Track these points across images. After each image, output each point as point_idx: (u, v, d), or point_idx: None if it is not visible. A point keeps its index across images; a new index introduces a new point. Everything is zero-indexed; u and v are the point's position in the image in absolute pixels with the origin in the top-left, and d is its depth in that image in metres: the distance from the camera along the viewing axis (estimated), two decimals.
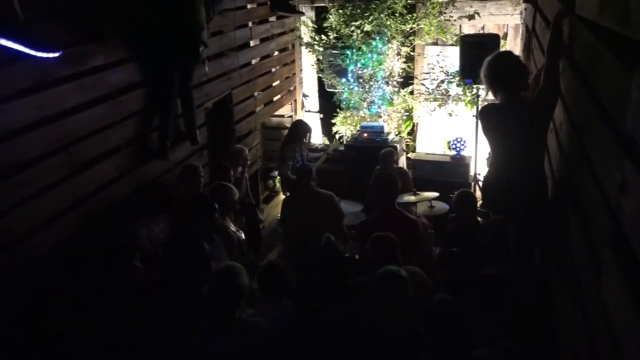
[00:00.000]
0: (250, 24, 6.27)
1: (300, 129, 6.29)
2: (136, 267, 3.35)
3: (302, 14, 7.28)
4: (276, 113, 7.48)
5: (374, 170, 6.03)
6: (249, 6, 6.23)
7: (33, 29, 3.05)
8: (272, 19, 6.82)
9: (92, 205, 3.81)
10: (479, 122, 3.10)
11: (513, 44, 6.77)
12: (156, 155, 4.48)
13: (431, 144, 7.16)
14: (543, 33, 3.96)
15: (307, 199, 4.83)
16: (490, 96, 3.33)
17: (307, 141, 6.42)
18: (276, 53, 7.09)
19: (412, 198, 5.37)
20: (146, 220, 3.95)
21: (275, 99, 7.21)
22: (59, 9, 3.43)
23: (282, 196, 7.29)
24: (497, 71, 2.94)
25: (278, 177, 7.30)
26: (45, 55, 3.10)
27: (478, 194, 5.99)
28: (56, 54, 3.19)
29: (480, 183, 5.93)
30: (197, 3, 4.19)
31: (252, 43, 6.43)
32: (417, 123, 7.30)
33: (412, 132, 7.35)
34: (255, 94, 6.48)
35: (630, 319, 1.31)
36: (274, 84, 7.10)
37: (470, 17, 6.48)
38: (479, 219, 4.58)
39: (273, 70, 6.99)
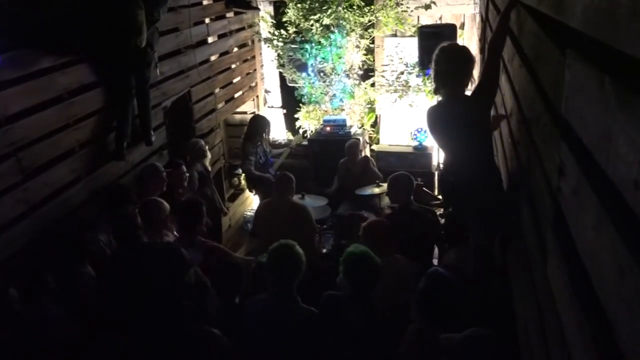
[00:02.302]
0: (207, 20, 6.19)
1: (258, 123, 6.23)
2: (83, 272, 3.29)
3: (258, 9, 7.22)
4: (238, 110, 7.40)
5: (340, 162, 6.06)
6: (204, 2, 6.15)
7: None
8: (230, 14, 6.74)
9: (47, 211, 3.72)
10: (427, 120, 3.05)
11: (470, 33, 6.84)
12: (113, 157, 4.39)
13: (394, 135, 7.20)
14: (495, 22, 4.01)
15: (283, 209, 4.58)
16: None
17: (267, 136, 6.37)
18: (235, 49, 7.02)
19: (376, 190, 5.41)
20: (106, 224, 3.86)
21: (236, 95, 7.14)
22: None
23: (247, 193, 7.26)
24: (438, 64, 2.89)
25: (242, 175, 7.25)
26: None
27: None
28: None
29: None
30: (132, 6, 4.08)
31: (209, 40, 6.35)
32: (379, 115, 7.32)
33: (375, 124, 7.38)
34: (216, 91, 6.40)
35: (568, 297, 1.33)
36: (235, 81, 7.03)
37: (427, 7, 6.51)
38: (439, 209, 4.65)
39: (233, 66, 6.91)
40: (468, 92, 2.95)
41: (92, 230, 3.80)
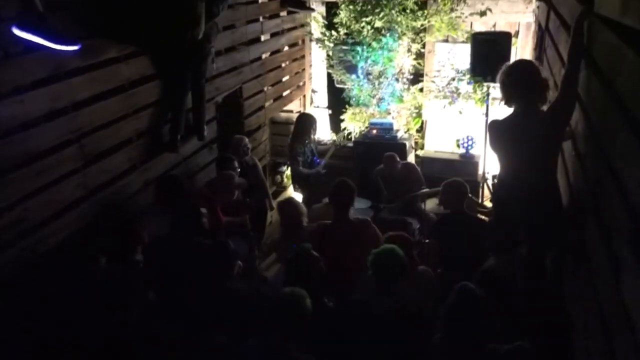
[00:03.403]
0: (261, 18, 6.26)
1: (306, 122, 6.27)
2: (136, 261, 3.38)
3: (313, 10, 7.26)
4: (285, 108, 7.47)
5: (376, 170, 6.01)
6: (260, 0, 6.22)
7: (51, 21, 3.06)
8: (283, 13, 6.81)
9: (104, 197, 3.83)
10: (488, 136, 3.01)
11: (524, 42, 6.73)
12: (167, 148, 4.49)
13: (440, 141, 7.14)
14: (557, 31, 3.93)
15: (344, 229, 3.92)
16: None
17: (314, 134, 6.40)
18: (286, 48, 7.08)
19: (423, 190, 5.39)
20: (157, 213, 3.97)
21: (284, 94, 7.21)
22: (74, 2, 3.44)
23: (289, 191, 7.31)
24: (513, 80, 2.86)
25: (286, 173, 7.31)
26: (64, 48, 3.11)
27: (487, 193, 6.00)
28: (75, 47, 3.20)
29: (489, 182, 5.94)
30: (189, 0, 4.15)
31: (262, 38, 6.42)
32: (425, 120, 7.27)
33: (421, 130, 7.33)
34: (265, 88, 6.48)
35: None
36: (284, 79, 7.09)
37: (482, 14, 6.44)
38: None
39: (283, 65, 6.98)
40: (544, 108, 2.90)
41: (147, 218, 3.92)
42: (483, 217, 4.89)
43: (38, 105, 3.25)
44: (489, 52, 5.58)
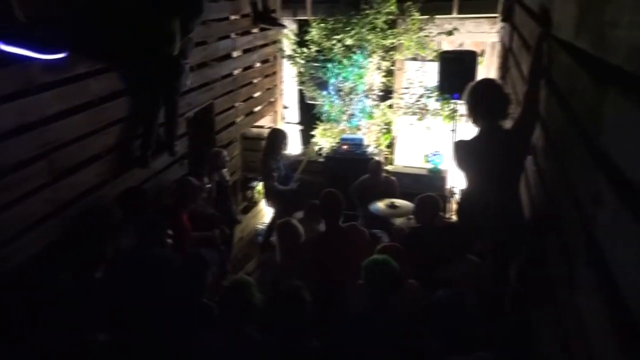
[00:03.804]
0: (233, 35, 6.32)
1: (277, 137, 6.29)
2: (95, 279, 3.35)
3: (285, 27, 7.36)
4: (256, 124, 7.51)
5: (361, 179, 6.12)
6: (232, 17, 6.28)
7: (36, 31, 3.05)
8: (255, 30, 6.88)
9: (73, 213, 3.79)
10: (455, 155, 3.09)
11: (490, 61, 6.94)
12: (137, 164, 4.48)
13: (409, 157, 7.27)
14: (520, 52, 4.10)
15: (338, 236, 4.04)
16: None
17: (285, 148, 6.44)
18: (258, 64, 7.15)
19: (389, 209, 5.47)
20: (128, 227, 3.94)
21: (256, 109, 7.25)
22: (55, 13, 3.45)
23: (260, 206, 7.32)
24: (478, 99, 2.96)
25: (258, 188, 7.31)
26: (52, 57, 3.10)
27: (454, 207, 6.13)
28: (62, 55, 3.19)
29: (456, 196, 6.07)
30: (166, 14, 4.20)
31: (234, 54, 6.47)
32: (395, 136, 7.40)
33: (391, 145, 7.45)
34: (237, 104, 6.51)
35: (602, 323, 1.38)
36: (255, 95, 7.15)
37: (449, 34, 6.63)
38: None
39: (255, 81, 7.04)
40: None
41: (114, 233, 3.87)
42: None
43: (6, 120, 3.22)
44: (455, 70, 5.75)
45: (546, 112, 2.74)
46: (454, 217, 5.88)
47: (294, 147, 7.83)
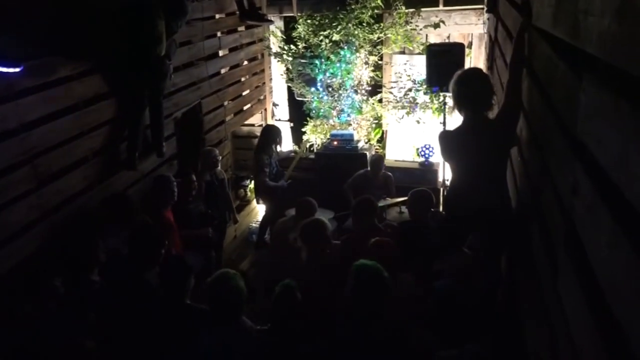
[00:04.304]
0: (219, 33, 6.28)
1: (272, 133, 6.27)
2: (94, 281, 3.34)
3: (271, 22, 7.33)
4: (246, 122, 7.48)
5: (359, 173, 6.11)
6: (217, 16, 6.25)
7: None
8: (241, 28, 6.84)
9: (59, 218, 3.77)
10: (440, 146, 3.08)
11: (478, 53, 6.94)
12: (125, 166, 4.45)
13: (400, 151, 7.26)
14: (504, 42, 4.08)
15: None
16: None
17: (278, 145, 6.42)
18: (245, 62, 7.11)
19: (381, 203, 5.46)
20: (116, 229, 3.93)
21: (245, 108, 7.22)
22: (20, 23, 3.40)
23: (253, 205, 7.30)
24: (462, 89, 2.95)
25: (250, 186, 7.29)
26: (6, 70, 3.08)
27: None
28: (17, 69, 3.16)
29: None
30: (153, 17, 4.18)
31: (221, 53, 6.44)
32: (386, 130, 7.39)
33: (382, 140, 7.44)
34: (225, 103, 6.48)
35: (582, 314, 1.37)
36: (244, 93, 7.11)
37: (436, 26, 6.62)
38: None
39: (242, 79, 7.00)
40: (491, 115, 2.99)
41: (102, 236, 3.85)
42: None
43: None
44: (443, 63, 5.72)
45: (528, 102, 2.73)
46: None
47: (285, 143, 7.80)
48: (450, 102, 5.93)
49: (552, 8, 2.09)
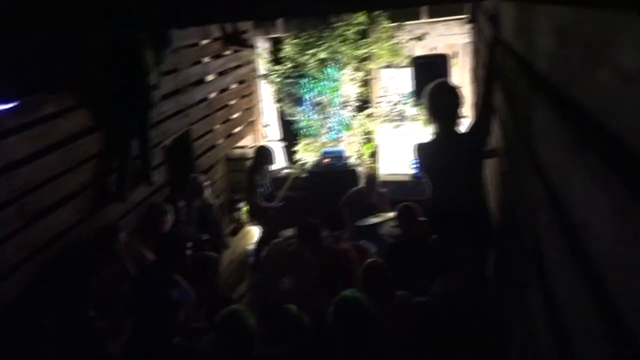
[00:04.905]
0: (205, 59, 6.34)
1: (264, 154, 6.30)
2: (91, 317, 3.33)
3: (254, 47, 7.41)
4: (238, 144, 7.51)
5: (353, 190, 6.11)
6: (203, 42, 6.31)
7: None
8: (228, 52, 6.90)
9: (51, 254, 3.78)
10: (416, 158, 3.12)
11: (464, 62, 6.98)
12: (114, 199, 4.47)
13: (393, 164, 7.28)
14: (485, 53, 4.12)
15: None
16: None
17: (271, 165, 6.44)
18: (234, 86, 7.16)
19: (374, 219, 5.46)
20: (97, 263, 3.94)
21: (235, 131, 7.26)
22: (6, 61, 3.44)
23: (248, 227, 7.29)
24: (432, 101, 2.99)
25: (244, 209, 7.29)
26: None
27: None
28: (10, 105, 3.20)
29: None
30: (140, 47, 4.24)
31: (208, 78, 6.49)
32: (377, 145, 7.41)
33: (374, 154, 7.46)
34: (215, 127, 6.52)
35: (543, 329, 1.38)
36: (234, 117, 7.16)
37: (420, 39, 6.67)
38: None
39: (232, 103, 7.05)
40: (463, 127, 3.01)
41: (96, 270, 3.86)
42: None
43: None
44: (429, 75, 5.74)
45: (500, 115, 2.75)
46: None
47: (278, 164, 7.83)
48: None
49: (512, 24, 2.12)
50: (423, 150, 3.05)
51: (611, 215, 0.81)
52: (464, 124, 2.98)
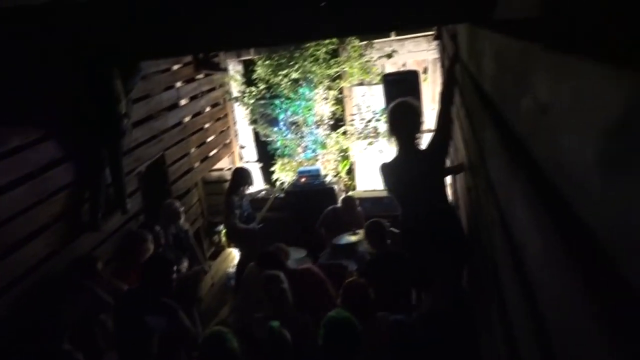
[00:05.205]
0: (178, 84, 6.35)
1: (241, 175, 6.28)
2: (66, 350, 3.28)
3: (226, 71, 7.44)
4: (215, 167, 7.50)
5: (328, 210, 6.12)
6: (174, 67, 6.32)
7: None
8: (200, 76, 6.93)
9: (24, 288, 3.71)
10: (381, 178, 3.17)
11: (434, 77, 7.09)
12: (88, 228, 4.42)
13: (370, 181, 7.32)
14: (445, 69, 4.21)
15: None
16: None
17: (249, 187, 6.42)
18: (208, 109, 7.18)
19: (352, 238, 5.48)
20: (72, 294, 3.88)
21: (211, 154, 7.26)
22: None
23: (229, 250, 7.26)
24: (392, 119, 3.07)
25: (223, 231, 7.26)
26: None
27: None
28: None
29: None
30: (108, 76, 4.24)
31: (181, 102, 6.50)
32: (353, 162, 7.47)
33: (350, 172, 7.51)
34: (190, 151, 6.51)
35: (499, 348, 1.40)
36: (209, 140, 7.16)
37: (389, 56, 6.78)
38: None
39: (206, 126, 7.05)
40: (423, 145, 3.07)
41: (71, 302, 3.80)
42: None
43: None
44: (400, 91, 5.83)
45: (464, 131, 2.81)
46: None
47: (255, 185, 7.82)
48: None
49: (466, 44, 2.18)
50: (386, 169, 3.09)
51: (539, 239, 0.84)
52: (425, 141, 3.04)
